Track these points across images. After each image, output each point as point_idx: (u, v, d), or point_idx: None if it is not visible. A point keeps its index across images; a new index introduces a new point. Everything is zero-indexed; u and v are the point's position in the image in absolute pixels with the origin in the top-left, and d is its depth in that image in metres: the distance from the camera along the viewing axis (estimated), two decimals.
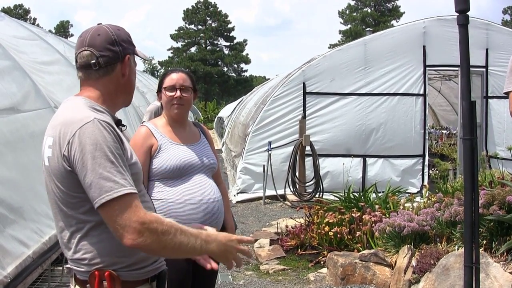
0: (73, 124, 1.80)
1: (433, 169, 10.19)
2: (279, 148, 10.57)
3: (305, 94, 10.62)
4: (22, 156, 4.64)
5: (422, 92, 10.57)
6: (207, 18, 64.49)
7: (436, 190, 6.53)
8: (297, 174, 10.18)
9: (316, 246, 6.50)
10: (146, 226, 1.72)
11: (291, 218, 7.99)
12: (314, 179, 10.18)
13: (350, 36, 56.29)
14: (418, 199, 7.97)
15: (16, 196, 4.28)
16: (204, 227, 2.15)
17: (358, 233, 6.07)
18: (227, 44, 65.22)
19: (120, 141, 1.84)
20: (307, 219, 7.11)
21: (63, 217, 1.87)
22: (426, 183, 10.02)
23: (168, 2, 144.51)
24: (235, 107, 22.96)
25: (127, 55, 1.98)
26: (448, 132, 16.82)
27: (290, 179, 10.07)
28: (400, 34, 10.76)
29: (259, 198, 10.22)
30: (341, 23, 64.11)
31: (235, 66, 65.25)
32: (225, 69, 64.52)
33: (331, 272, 5.51)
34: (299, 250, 6.60)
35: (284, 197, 10.14)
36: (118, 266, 1.85)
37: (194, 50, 64.35)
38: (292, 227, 7.09)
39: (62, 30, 65.69)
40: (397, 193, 7.66)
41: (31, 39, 8.03)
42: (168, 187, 2.93)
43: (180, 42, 64.54)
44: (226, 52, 64.87)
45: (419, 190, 10.03)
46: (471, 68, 2.98)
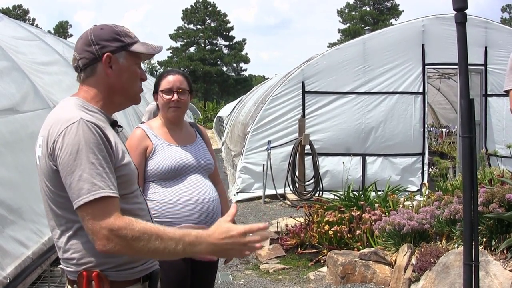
0: (60, 124, 1.80)
1: (432, 167, 10.15)
2: (279, 147, 10.56)
3: (304, 93, 10.62)
4: (21, 156, 4.64)
5: (421, 91, 10.57)
6: (206, 18, 64.47)
7: (436, 188, 6.53)
8: (296, 173, 10.18)
9: (316, 245, 6.50)
10: (114, 233, 1.69)
11: (291, 217, 7.98)
12: (313, 178, 10.17)
13: (349, 35, 56.26)
14: (418, 197, 7.97)
15: (15, 197, 4.28)
16: (197, 227, 2.10)
17: (358, 231, 6.07)
18: (226, 43, 65.22)
19: (108, 142, 1.83)
20: (307, 218, 7.11)
21: (54, 216, 1.88)
22: (425, 181, 10.02)
23: (167, 2, 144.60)
24: (235, 107, 22.95)
25: (105, 53, 1.92)
26: (448, 130, 16.82)
27: (289, 178, 10.07)
28: (399, 33, 10.76)
29: (259, 198, 10.22)
30: (340, 22, 64.22)
31: (235, 65, 65.23)
32: (224, 68, 64.50)
33: (331, 271, 5.51)
34: (299, 249, 6.60)
35: (284, 196, 10.14)
36: (107, 267, 1.83)
37: (193, 49, 64.33)
38: (292, 226, 7.09)
39: (61, 30, 65.70)
40: (396, 191, 7.66)
41: (30, 39, 8.03)
42: (163, 188, 2.93)
43: (179, 42, 64.55)
44: (225, 51, 64.85)
45: (419, 188, 10.03)
46: (470, 66, 2.98)
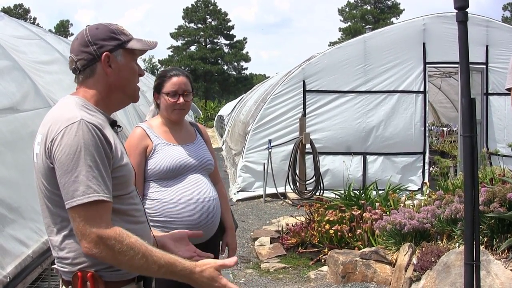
0: (60, 122, 1.79)
1: (433, 166, 10.15)
2: (279, 146, 10.55)
3: (305, 92, 10.61)
4: (22, 155, 4.63)
5: (422, 89, 10.54)
6: (207, 17, 64.43)
7: (437, 188, 6.52)
8: (297, 172, 10.17)
9: (317, 244, 6.50)
10: (103, 241, 1.71)
11: (291, 216, 7.98)
12: (314, 177, 10.17)
13: (350, 33, 56.24)
14: (419, 196, 7.94)
15: (16, 196, 4.28)
16: (191, 233, 2.11)
17: (359, 231, 6.06)
18: (227, 42, 65.19)
19: (108, 143, 1.82)
20: (307, 217, 7.10)
21: (49, 214, 1.87)
22: (426, 180, 9.99)
23: (167, 1, 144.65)
24: (235, 106, 22.93)
25: (104, 53, 1.91)
26: (449, 129, 16.82)
27: (290, 177, 10.06)
28: (399, 32, 10.74)
29: (260, 196, 10.22)
30: (340, 20, 64.21)
31: (235, 64, 65.20)
32: (225, 67, 64.47)
33: (332, 270, 5.50)
34: (300, 248, 6.59)
35: (284, 195, 10.13)
36: (101, 267, 1.83)
37: (194, 48, 64.29)
38: (292, 225, 7.09)
39: (62, 29, 65.67)
40: (397, 190, 7.66)
41: (30, 38, 8.02)
42: (163, 187, 2.92)
43: (180, 41, 64.53)
44: (226, 50, 64.82)
45: (420, 187, 10.02)
46: (471, 65, 2.97)
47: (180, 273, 1.82)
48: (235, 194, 10.45)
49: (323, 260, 6.09)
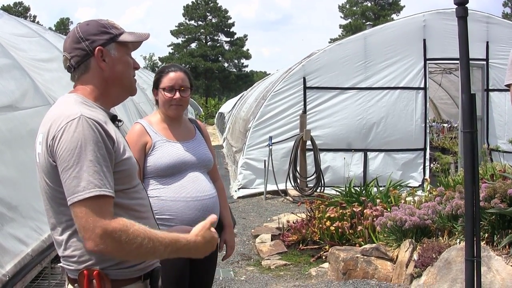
0: (60, 120, 1.79)
1: (434, 162, 10.17)
2: (280, 143, 10.55)
3: (305, 88, 10.60)
4: (21, 154, 4.62)
5: (423, 86, 10.53)
6: (207, 14, 64.37)
7: (438, 184, 6.52)
8: (298, 169, 10.17)
9: (318, 241, 6.49)
10: (109, 234, 1.70)
11: (292, 213, 7.98)
12: (315, 174, 10.16)
13: (350, 30, 56.15)
14: (420, 193, 7.95)
15: (15, 194, 4.27)
16: (190, 229, 2.13)
17: (360, 227, 6.06)
18: (228, 39, 65.13)
19: (109, 138, 1.82)
20: (308, 214, 7.10)
21: (54, 214, 1.87)
22: (427, 176, 9.99)
23: None
24: (236, 103, 22.92)
25: (96, 47, 1.92)
26: (449, 125, 16.80)
27: (291, 174, 10.06)
28: (400, 28, 10.72)
29: (260, 194, 10.21)
30: (341, 17, 64.02)
31: (236, 61, 65.18)
32: (225, 64, 64.46)
33: (333, 267, 5.49)
34: (301, 245, 6.59)
35: (285, 192, 10.13)
36: (107, 264, 1.82)
37: (194, 46, 64.26)
38: (293, 222, 7.08)
39: (62, 27, 65.62)
40: (398, 187, 7.66)
41: (30, 36, 8.01)
42: (162, 184, 2.91)
43: (181, 38, 64.46)
44: (227, 47, 64.78)
45: (421, 184, 10.02)
46: (471, 61, 2.96)
47: (184, 248, 1.84)
48: (235, 191, 10.45)
49: (324, 257, 6.08)
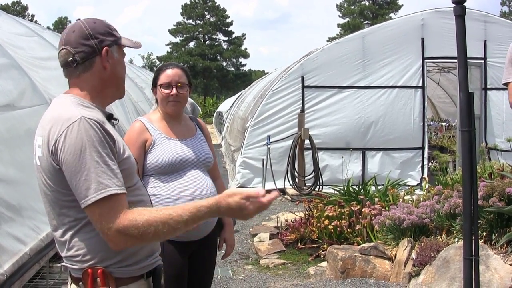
0: (60, 123, 1.78)
1: (432, 161, 10.16)
2: (278, 142, 10.54)
3: (303, 87, 10.59)
4: (19, 153, 4.62)
5: (421, 85, 10.54)
6: (206, 13, 64.31)
7: (436, 183, 6.52)
8: (296, 167, 10.17)
9: (316, 239, 6.49)
10: (122, 233, 1.72)
11: (290, 212, 7.98)
12: (313, 173, 10.16)
13: (348, 29, 56.12)
14: (418, 191, 7.95)
15: (13, 193, 4.26)
16: None
17: (358, 226, 6.06)
18: (226, 38, 65.07)
19: (110, 137, 1.82)
20: (306, 212, 7.10)
21: (56, 215, 1.87)
22: (425, 175, 10.01)
23: None
24: (234, 102, 22.89)
25: (104, 47, 1.92)
26: (448, 124, 16.82)
27: (289, 173, 10.05)
28: (398, 27, 10.72)
29: None
30: (339, 16, 64.01)
31: (234, 60, 65.14)
32: (224, 63, 64.40)
33: (331, 266, 5.50)
34: (299, 244, 6.59)
35: (283, 191, 10.12)
36: (110, 262, 1.83)
37: (192, 45, 64.19)
38: (291, 221, 7.08)
39: (61, 26, 65.51)
40: (396, 186, 7.66)
41: (28, 35, 7.99)
42: (162, 182, 2.91)
43: (179, 37, 64.39)
44: (225, 46, 64.73)
45: (419, 182, 10.01)
46: (469, 60, 2.97)
47: (206, 216, 1.79)
48: None
49: (322, 256, 6.08)
